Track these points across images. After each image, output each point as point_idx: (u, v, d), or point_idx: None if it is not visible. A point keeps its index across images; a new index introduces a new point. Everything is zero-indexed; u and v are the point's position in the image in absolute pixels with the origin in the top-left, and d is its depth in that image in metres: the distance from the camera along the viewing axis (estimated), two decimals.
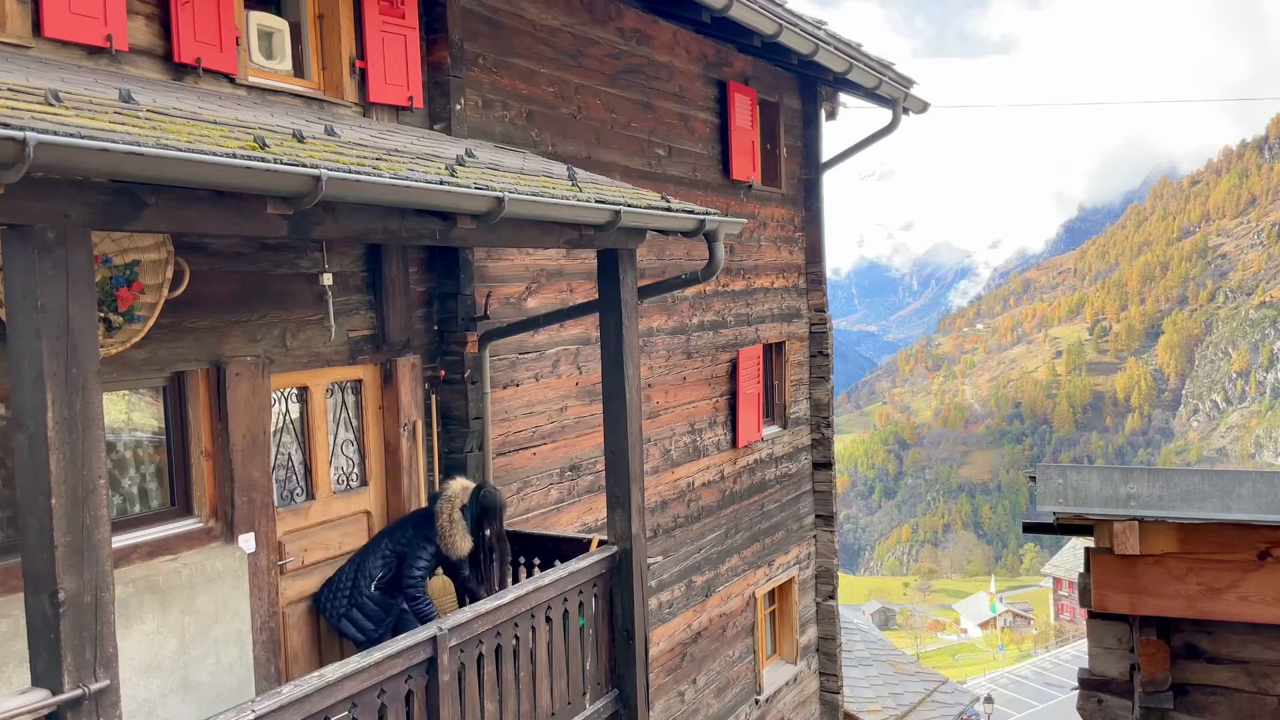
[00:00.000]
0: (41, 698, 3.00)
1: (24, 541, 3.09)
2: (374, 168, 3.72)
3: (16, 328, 3.02)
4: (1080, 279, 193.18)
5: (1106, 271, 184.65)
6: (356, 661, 4.11)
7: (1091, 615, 4.15)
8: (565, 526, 7.53)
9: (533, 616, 5.19)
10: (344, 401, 6.08)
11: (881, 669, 14.01)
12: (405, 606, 5.55)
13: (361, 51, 5.99)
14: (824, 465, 11.93)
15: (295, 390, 5.79)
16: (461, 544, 5.54)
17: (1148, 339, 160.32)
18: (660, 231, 5.68)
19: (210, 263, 5.11)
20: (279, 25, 5.65)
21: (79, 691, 3.03)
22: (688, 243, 8.96)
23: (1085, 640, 4.29)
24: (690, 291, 9.28)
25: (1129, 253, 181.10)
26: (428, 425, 6.38)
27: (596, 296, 5.83)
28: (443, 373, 6.51)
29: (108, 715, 3.12)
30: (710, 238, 5.83)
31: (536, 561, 6.03)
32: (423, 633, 4.48)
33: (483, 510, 5.66)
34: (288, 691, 3.79)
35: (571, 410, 7.72)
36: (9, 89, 3.06)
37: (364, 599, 5.48)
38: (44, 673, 3.05)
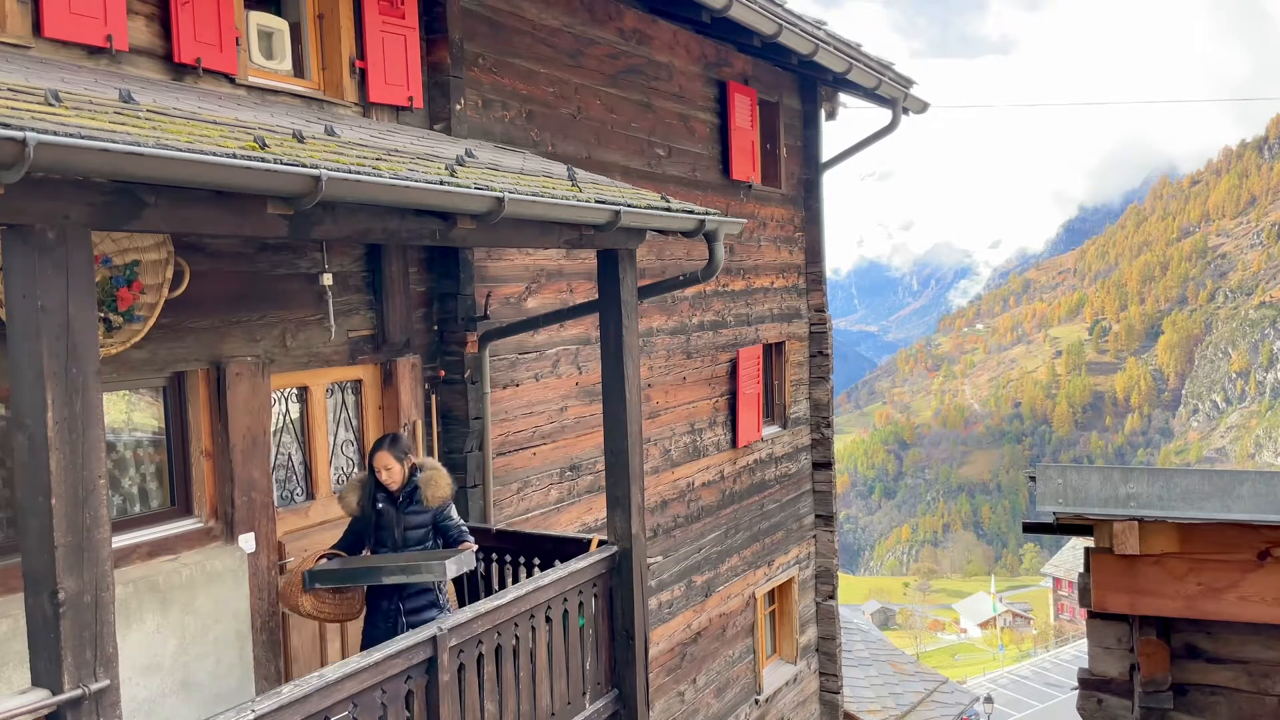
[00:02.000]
0: (41, 698, 3.00)
1: (24, 541, 3.09)
2: (374, 168, 3.72)
3: (16, 328, 3.02)
4: (1080, 279, 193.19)
5: (1106, 271, 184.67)
6: (356, 661, 4.11)
7: (1091, 615, 4.15)
8: (565, 526, 7.53)
9: (532, 616, 5.19)
10: (344, 401, 6.08)
11: (881, 669, 14.01)
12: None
13: (361, 51, 5.99)
14: (824, 465, 11.93)
15: (295, 390, 5.79)
16: (348, 497, 5.37)
17: (1148, 339, 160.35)
18: (660, 231, 5.68)
19: (210, 263, 5.11)
20: (279, 25, 5.65)
21: (79, 691, 3.03)
22: (688, 243, 8.97)
23: (1085, 640, 4.29)
24: (690, 291, 9.28)
25: (1129, 253, 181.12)
26: (428, 425, 6.38)
27: (596, 296, 5.83)
28: (442, 373, 6.52)
29: (108, 715, 3.12)
30: (710, 238, 5.83)
31: (536, 561, 6.03)
32: (423, 633, 4.49)
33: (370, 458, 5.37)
34: (288, 691, 3.79)
35: (571, 410, 7.72)
36: (9, 89, 3.06)
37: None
38: (44, 673, 3.05)
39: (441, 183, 3.98)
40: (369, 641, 5.15)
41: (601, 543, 5.79)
